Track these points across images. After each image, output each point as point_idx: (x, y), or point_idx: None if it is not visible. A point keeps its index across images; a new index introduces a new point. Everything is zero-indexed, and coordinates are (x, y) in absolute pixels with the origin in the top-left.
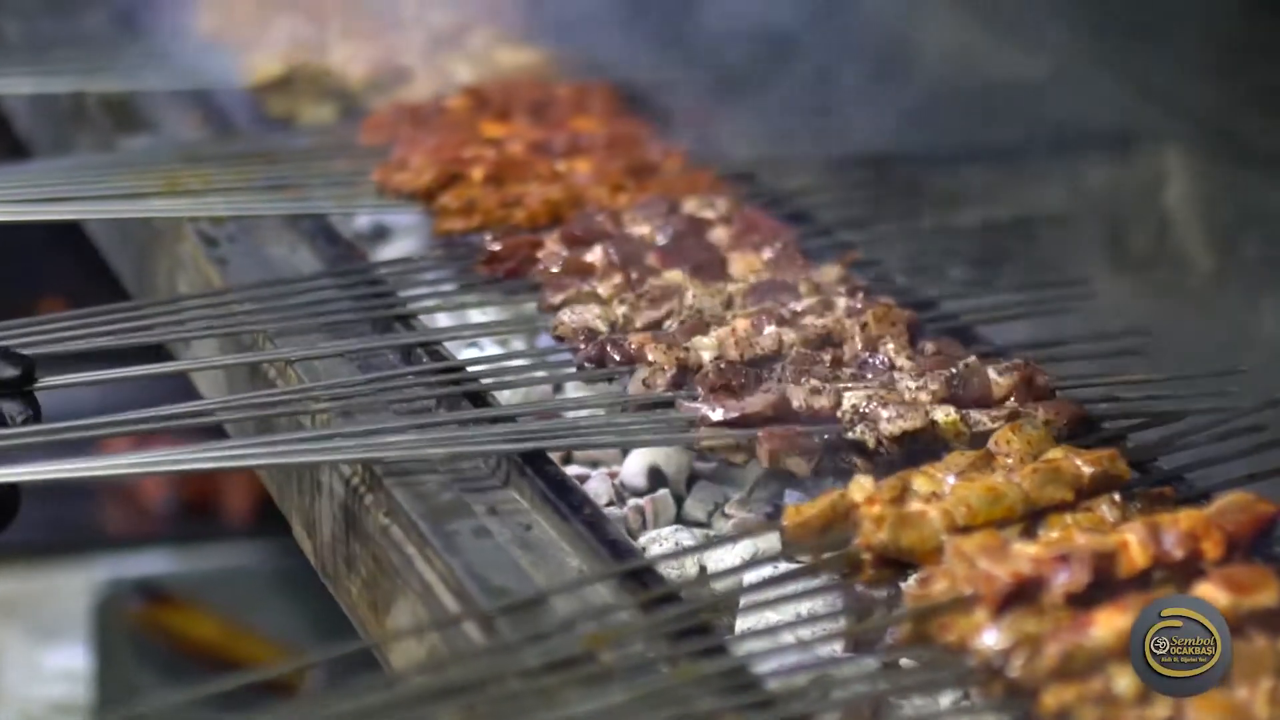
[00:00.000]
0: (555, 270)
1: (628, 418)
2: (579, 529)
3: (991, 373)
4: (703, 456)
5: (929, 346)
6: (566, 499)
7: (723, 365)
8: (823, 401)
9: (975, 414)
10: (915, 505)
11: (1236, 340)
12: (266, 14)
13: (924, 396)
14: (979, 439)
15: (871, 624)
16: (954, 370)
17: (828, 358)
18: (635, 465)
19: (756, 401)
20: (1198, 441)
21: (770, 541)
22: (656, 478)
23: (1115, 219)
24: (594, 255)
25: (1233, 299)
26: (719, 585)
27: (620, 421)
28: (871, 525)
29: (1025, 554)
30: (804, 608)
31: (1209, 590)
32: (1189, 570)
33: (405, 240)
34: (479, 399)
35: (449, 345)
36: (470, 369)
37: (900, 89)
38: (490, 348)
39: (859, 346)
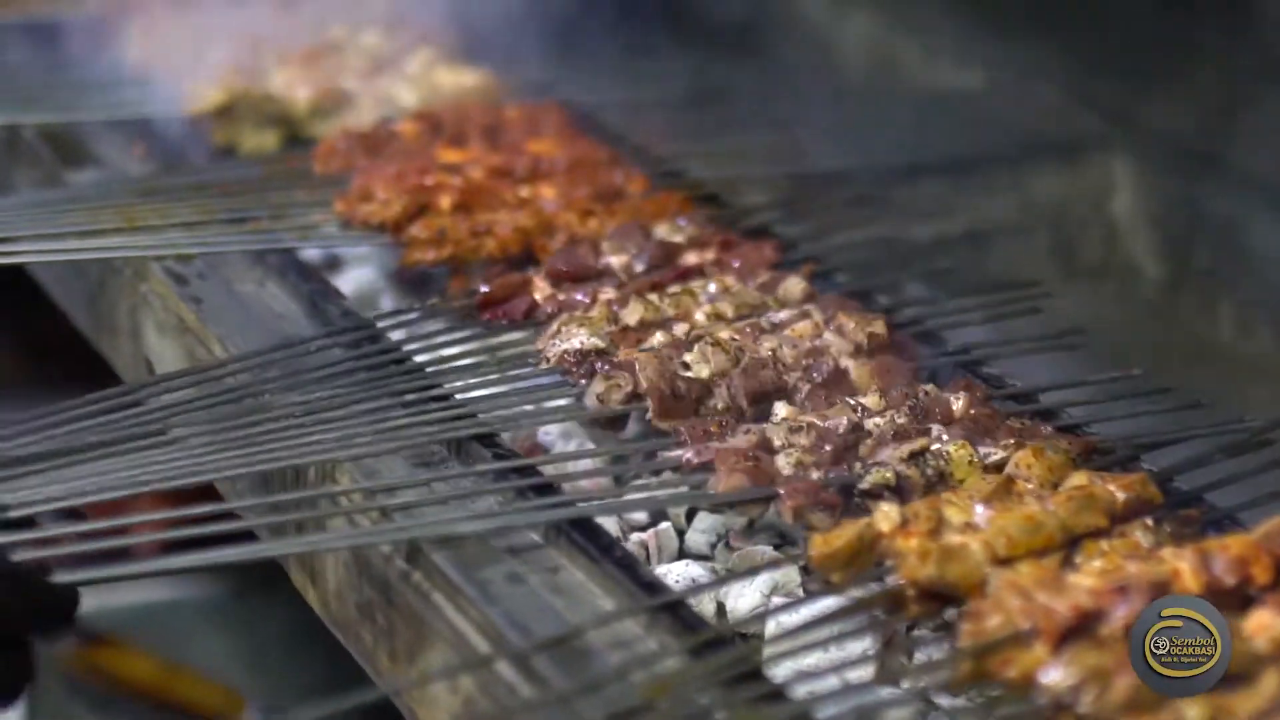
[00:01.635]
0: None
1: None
2: (611, 571)
3: (952, 400)
4: None
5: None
6: (595, 541)
7: (669, 374)
8: (803, 440)
9: (984, 448)
10: (953, 537)
11: (1190, 348)
12: (198, 40)
13: (894, 440)
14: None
15: (932, 663)
16: (914, 400)
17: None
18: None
19: (740, 442)
20: (1210, 460)
21: (792, 574)
22: (657, 511)
23: (1064, 229)
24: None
25: (1185, 307)
26: (766, 627)
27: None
28: (916, 560)
29: (1082, 586)
30: (854, 648)
31: (1267, 617)
32: (1238, 596)
33: (361, 269)
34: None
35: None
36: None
37: (834, 105)
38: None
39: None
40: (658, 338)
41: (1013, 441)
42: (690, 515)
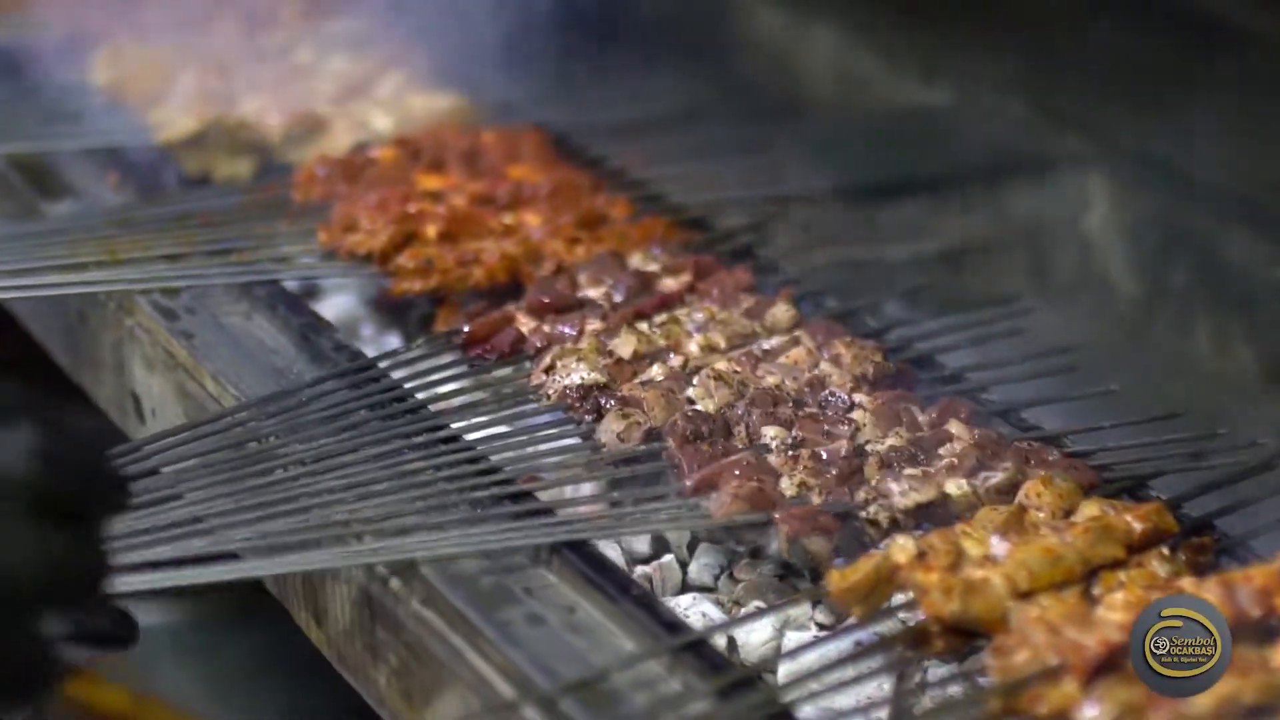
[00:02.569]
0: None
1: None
2: (630, 610)
3: (952, 429)
4: None
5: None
6: (612, 579)
7: (689, 413)
8: (804, 457)
9: (983, 474)
10: (974, 571)
11: (1166, 364)
12: (166, 66)
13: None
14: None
15: (958, 700)
16: (918, 434)
17: (779, 385)
18: None
19: (740, 460)
20: (1217, 484)
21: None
22: (660, 543)
23: (1038, 246)
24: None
25: (1161, 323)
26: (789, 665)
27: (635, 509)
28: (939, 595)
29: (1111, 620)
30: (870, 685)
31: None
32: (1262, 627)
33: (340, 296)
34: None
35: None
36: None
37: (802, 124)
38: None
39: (840, 386)
40: (655, 370)
41: (1011, 465)
42: (692, 547)
